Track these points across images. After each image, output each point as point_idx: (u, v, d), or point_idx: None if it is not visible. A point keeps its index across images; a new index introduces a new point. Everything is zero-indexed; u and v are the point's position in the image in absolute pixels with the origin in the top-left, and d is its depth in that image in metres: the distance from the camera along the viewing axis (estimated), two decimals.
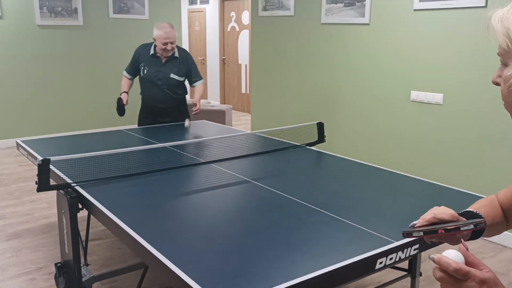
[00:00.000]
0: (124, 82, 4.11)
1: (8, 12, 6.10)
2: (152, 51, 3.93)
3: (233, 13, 9.17)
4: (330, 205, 2.04)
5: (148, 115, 4.11)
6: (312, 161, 2.87)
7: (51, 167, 2.38)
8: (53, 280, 2.83)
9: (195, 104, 3.87)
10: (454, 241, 1.07)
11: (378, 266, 1.61)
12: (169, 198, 2.17)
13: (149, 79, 3.95)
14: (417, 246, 1.72)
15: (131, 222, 1.86)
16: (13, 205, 4.18)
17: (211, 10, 9.63)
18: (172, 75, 3.92)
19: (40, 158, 2.42)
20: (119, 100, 3.94)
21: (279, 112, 5.39)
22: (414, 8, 3.82)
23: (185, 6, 10.13)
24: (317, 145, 3.19)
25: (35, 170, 5.13)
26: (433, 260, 0.81)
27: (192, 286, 1.37)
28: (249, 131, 4.08)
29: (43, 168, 2.24)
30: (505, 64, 0.90)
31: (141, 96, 4.15)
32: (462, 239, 0.91)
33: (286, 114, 5.30)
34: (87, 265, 2.93)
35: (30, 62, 6.36)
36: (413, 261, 2.61)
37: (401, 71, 4.01)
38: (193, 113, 3.87)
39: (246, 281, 1.42)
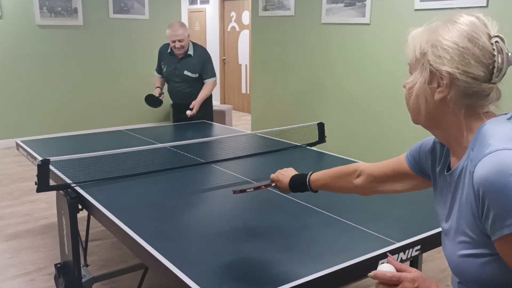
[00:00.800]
0: (156, 79, 4.42)
1: (8, 12, 6.09)
2: (169, 49, 4.18)
3: (233, 13, 9.16)
4: (331, 206, 2.03)
5: (176, 112, 4.38)
6: (313, 161, 2.86)
7: (51, 167, 2.37)
8: (53, 281, 2.81)
9: (192, 107, 4.07)
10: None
11: (379, 267, 1.60)
12: (169, 199, 2.16)
13: (168, 76, 4.23)
14: (418, 247, 1.71)
15: (131, 223, 1.85)
16: (13, 205, 4.17)
17: (211, 10, 9.62)
18: (186, 72, 4.14)
19: (39, 158, 2.41)
20: (148, 96, 4.23)
21: (279, 112, 5.38)
22: (415, 8, 3.81)
23: (185, 6, 10.12)
24: (317, 145, 3.18)
25: (34, 170, 5.11)
26: (371, 277, 1.01)
27: (193, 287, 1.36)
28: (249, 131, 4.07)
29: (43, 169, 2.23)
30: (411, 73, 1.06)
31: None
32: (389, 254, 1.19)
33: (286, 114, 5.29)
34: (87, 265, 2.93)
35: (30, 62, 6.35)
36: (414, 262, 2.60)
37: (402, 71, 3.99)
38: (189, 115, 4.05)
39: (246, 282, 1.41)
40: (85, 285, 2.51)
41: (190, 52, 4.12)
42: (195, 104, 4.07)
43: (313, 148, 3.13)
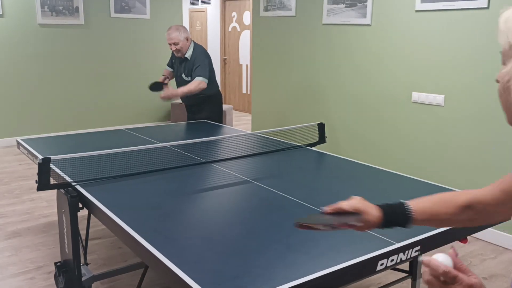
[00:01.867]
0: (165, 71, 4.51)
1: (9, 11, 6.09)
2: None
3: (234, 13, 9.16)
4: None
5: (187, 111, 4.53)
6: (313, 161, 2.86)
7: (52, 166, 2.37)
8: (53, 280, 2.82)
9: (167, 89, 4.22)
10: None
11: (379, 267, 1.60)
12: (170, 198, 2.17)
13: (175, 76, 4.40)
14: (418, 247, 1.72)
15: (131, 222, 1.86)
16: (13, 203, 4.17)
17: (213, 10, 9.63)
18: (182, 75, 4.25)
19: (40, 157, 2.42)
20: (152, 83, 4.32)
21: (279, 112, 5.39)
22: (416, 9, 3.81)
23: (186, 6, 10.13)
24: (317, 146, 3.19)
25: (35, 168, 5.13)
26: (423, 262, 0.83)
27: (193, 286, 1.37)
28: (249, 131, 4.07)
29: (44, 167, 2.24)
30: (504, 63, 0.90)
31: None
32: (453, 247, 0.92)
33: (286, 114, 5.29)
34: (87, 264, 2.93)
35: (31, 61, 6.35)
36: (414, 263, 2.60)
37: (403, 72, 4.00)
38: (161, 96, 4.10)
39: (246, 282, 1.41)
40: (85, 283, 2.51)
41: (188, 55, 4.15)
42: (169, 91, 4.09)
43: (313, 148, 3.14)
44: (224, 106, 7.14)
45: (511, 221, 2.13)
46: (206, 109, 4.32)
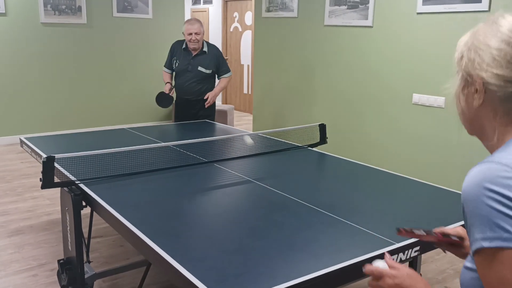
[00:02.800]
0: (165, 75, 4.51)
1: (12, 10, 6.12)
2: (184, 45, 4.34)
3: (236, 14, 9.19)
4: (332, 207, 2.06)
5: (179, 108, 4.47)
6: (314, 162, 2.89)
7: (55, 164, 2.40)
8: (55, 277, 2.84)
9: (206, 97, 4.31)
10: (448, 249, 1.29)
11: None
12: (173, 197, 2.19)
13: (180, 70, 4.34)
14: (417, 248, 1.74)
15: (134, 220, 1.88)
16: (16, 201, 4.20)
17: (214, 10, 9.65)
18: (199, 68, 4.29)
19: (44, 155, 2.44)
20: (159, 93, 4.37)
21: (280, 113, 5.41)
22: (417, 11, 3.84)
23: (188, 6, 10.15)
24: (318, 147, 3.21)
25: (37, 167, 5.16)
26: (365, 271, 1.05)
27: (196, 284, 1.39)
28: (251, 132, 4.09)
29: (48, 166, 2.26)
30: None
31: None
32: (386, 252, 1.16)
33: (287, 115, 5.31)
34: (89, 262, 2.96)
35: (34, 60, 6.38)
36: (414, 263, 2.62)
37: (404, 74, 4.02)
38: (206, 105, 4.30)
39: (249, 280, 1.44)
40: (87, 281, 2.54)
41: (205, 49, 4.30)
42: (211, 95, 4.30)
43: (314, 149, 3.16)
44: (225, 106, 7.16)
45: None
46: (200, 104, 4.36)
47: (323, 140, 3.23)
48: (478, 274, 0.84)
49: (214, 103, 4.44)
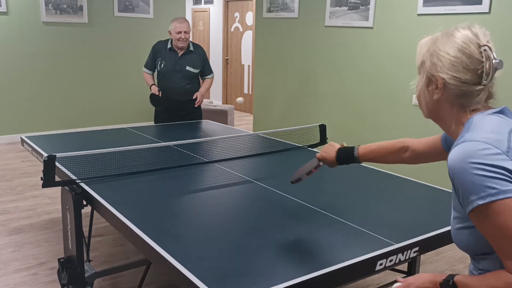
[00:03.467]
0: (148, 77, 4.35)
1: (14, 9, 6.13)
2: (169, 45, 4.21)
3: (237, 14, 9.20)
4: (331, 207, 2.07)
5: (166, 110, 4.27)
6: None
7: (56, 163, 2.40)
8: (55, 276, 2.85)
9: (195, 97, 4.21)
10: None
11: (378, 267, 1.64)
12: (173, 197, 2.20)
13: (166, 72, 4.20)
14: (417, 248, 1.75)
15: (135, 219, 1.89)
16: (16, 200, 4.21)
17: (215, 10, 9.66)
18: (188, 67, 4.20)
19: (45, 154, 2.45)
20: (152, 95, 4.22)
21: (281, 113, 5.42)
22: (418, 13, 3.85)
23: (189, 6, 10.16)
24: (318, 147, 3.22)
25: (37, 165, 5.16)
26: None
27: (197, 284, 1.40)
28: (251, 132, 4.10)
29: (49, 164, 2.27)
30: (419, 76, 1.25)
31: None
32: (398, 278, 1.33)
33: (288, 115, 5.32)
34: (89, 261, 2.96)
35: (35, 59, 6.39)
36: (413, 264, 2.63)
37: (404, 75, 4.03)
38: (196, 105, 4.20)
39: (249, 279, 1.44)
40: (87, 280, 2.55)
41: (191, 48, 4.22)
42: (199, 95, 4.22)
43: (314, 149, 3.17)
44: (226, 106, 7.16)
45: None
46: (191, 105, 4.24)
47: (323, 140, 3.23)
48: (478, 230, 1.06)
49: (200, 109, 4.35)
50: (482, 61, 1.11)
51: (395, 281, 1.30)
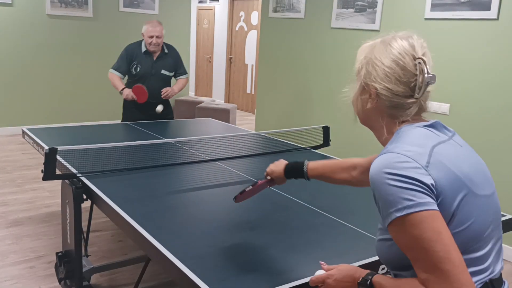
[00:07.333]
0: (116, 79, 4.09)
1: (19, 1, 6.11)
2: (144, 48, 4.06)
3: (242, 13, 9.18)
4: (334, 209, 2.05)
5: (135, 111, 4.07)
6: None
7: (57, 156, 2.39)
8: (52, 269, 2.83)
9: (166, 90, 4.01)
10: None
11: (380, 271, 1.62)
12: (174, 193, 2.18)
13: (142, 75, 4.02)
14: None
15: (136, 215, 1.87)
16: (15, 192, 4.19)
17: (221, 9, 9.65)
18: (163, 71, 4.08)
19: (46, 147, 2.43)
20: (127, 102, 4.06)
21: (283, 113, 5.40)
22: (425, 17, 3.82)
23: (194, 4, 10.15)
24: (322, 149, 3.20)
25: (38, 158, 5.15)
26: (310, 282, 1.24)
27: (197, 283, 1.38)
28: (253, 131, 4.08)
29: (50, 157, 2.25)
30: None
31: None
32: (321, 262, 1.29)
33: (290, 116, 5.31)
34: (87, 256, 2.95)
35: (39, 51, 6.37)
36: None
37: None
38: (163, 94, 3.99)
39: (250, 279, 1.43)
40: (85, 274, 2.53)
41: (166, 51, 4.11)
42: (170, 89, 4.02)
43: (317, 151, 3.15)
44: (228, 105, 7.15)
45: (510, 233, 2.15)
46: (168, 107, 4.19)
47: (326, 142, 3.22)
48: (396, 243, 1.04)
49: (171, 109, 4.26)
50: (416, 74, 1.11)
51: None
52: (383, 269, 1.62)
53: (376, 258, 1.59)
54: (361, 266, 1.54)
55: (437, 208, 0.99)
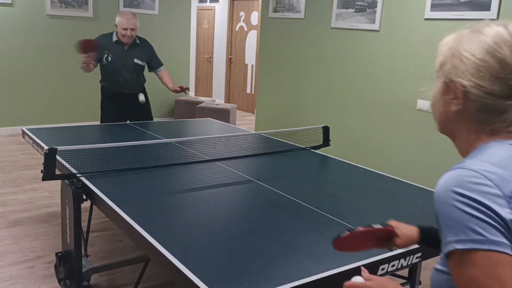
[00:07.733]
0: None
1: (19, 0, 6.11)
2: (115, 38, 4.08)
3: (242, 13, 9.18)
4: (333, 209, 2.05)
5: (112, 103, 4.12)
6: (317, 164, 2.88)
7: (57, 156, 2.39)
8: (52, 270, 2.83)
9: (180, 87, 4.10)
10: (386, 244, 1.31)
11: (380, 272, 1.62)
12: (174, 194, 2.18)
13: (114, 64, 4.03)
14: (419, 254, 1.73)
15: (135, 216, 1.87)
16: (15, 192, 4.19)
17: (221, 9, 9.64)
18: (135, 60, 4.09)
19: (46, 147, 2.43)
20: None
21: (283, 113, 5.40)
22: (425, 17, 3.82)
23: (195, 4, 10.14)
24: (321, 149, 3.20)
25: (37, 158, 5.14)
26: (344, 286, 1.08)
27: (197, 283, 1.38)
28: (253, 131, 4.08)
29: (50, 157, 2.25)
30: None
31: (101, 85, 4.23)
32: (362, 267, 1.17)
33: (290, 116, 5.30)
34: (87, 256, 2.94)
35: (39, 51, 6.37)
36: (414, 270, 2.61)
37: (409, 80, 4.01)
38: (184, 88, 4.10)
39: (249, 280, 1.42)
40: (84, 275, 2.53)
41: (138, 41, 4.12)
42: (178, 86, 4.09)
43: (317, 151, 3.15)
44: (228, 105, 7.15)
45: None
46: (146, 100, 4.16)
47: (326, 142, 3.21)
48: (452, 276, 0.84)
49: (148, 101, 4.21)
50: None
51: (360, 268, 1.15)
52: (383, 269, 1.62)
53: (376, 258, 1.59)
54: (359, 267, 1.54)
55: (511, 252, 0.78)
